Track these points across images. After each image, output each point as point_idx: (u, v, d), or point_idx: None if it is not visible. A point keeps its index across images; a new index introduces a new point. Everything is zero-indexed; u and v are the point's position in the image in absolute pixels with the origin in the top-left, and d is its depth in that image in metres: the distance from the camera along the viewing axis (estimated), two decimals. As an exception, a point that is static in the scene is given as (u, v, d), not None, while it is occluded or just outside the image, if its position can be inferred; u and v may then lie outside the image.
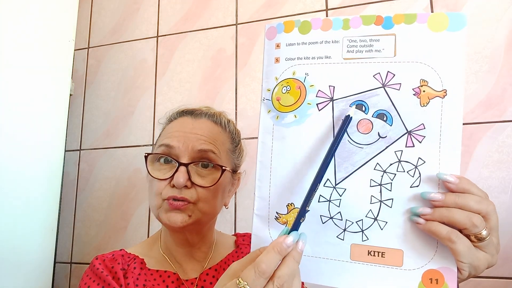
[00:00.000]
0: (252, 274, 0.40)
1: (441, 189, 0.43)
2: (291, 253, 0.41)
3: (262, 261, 0.40)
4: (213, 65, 1.21)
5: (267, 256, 0.40)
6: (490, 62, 0.97)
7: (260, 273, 0.39)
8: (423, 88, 0.44)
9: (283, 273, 0.40)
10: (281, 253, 0.40)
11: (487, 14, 0.98)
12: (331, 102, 0.47)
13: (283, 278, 0.40)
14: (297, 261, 0.41)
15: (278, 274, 0.40)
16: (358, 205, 0.46)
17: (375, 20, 0.46)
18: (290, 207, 0.48)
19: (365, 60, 0.46)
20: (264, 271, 0.39)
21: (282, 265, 0.41)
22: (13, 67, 0.98)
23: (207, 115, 0.72)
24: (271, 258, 0.40)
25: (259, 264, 0.40)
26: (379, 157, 0.45)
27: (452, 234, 0.41)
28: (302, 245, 0.42)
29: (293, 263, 0.41)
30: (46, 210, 1.07)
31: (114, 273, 0.64)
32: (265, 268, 0.39)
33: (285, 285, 0.40)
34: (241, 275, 0.41)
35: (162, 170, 0.66)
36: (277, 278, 0.40)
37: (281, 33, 0.50)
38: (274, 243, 0.41)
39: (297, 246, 0.41)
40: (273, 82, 0.49)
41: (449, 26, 0.44)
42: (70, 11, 1.19)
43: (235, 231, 1.09)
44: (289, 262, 0.41)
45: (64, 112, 1.16)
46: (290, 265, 0.41)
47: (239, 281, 0.40)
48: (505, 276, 0.89)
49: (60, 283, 1.23)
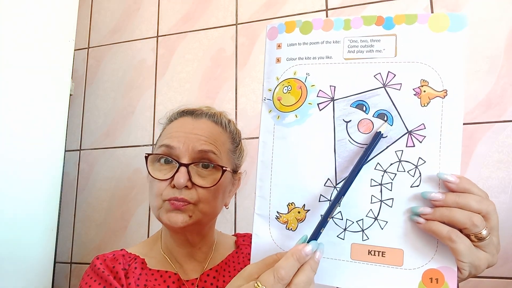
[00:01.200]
0: (271, 279, 0.40)
1: (442, 188, 0.43)
2: (309, 261, 0.42)
3: (282, 267, 0.40)
4: (213, 65, 1.21)
5: (286, 262, 0.41)
6: (490, 62, 0.97)
7: (279, 278, 0.40)
8: (423, 88, 0.45)
9: (300, 280, 0.41)
10: (299, 261, 0.41)
11: (487, 14, 0.98)
12: (332, 102, 0.47)
13: (300, 286, 0.40)
14: (314, 270, 0.42)
15: (295, 281, 0.41)
16: (358, 205, 0.46)
17: (376, 21, 0.46)
18: (290, 207, 0.48)
19: (366, 60, 0.47)
20: (283, 277, 0.40)
21: (300, 272, 0.41)
22: (13, 67, 0.98)
23: (208, 115, 0.72)
24: (290, 265, 0.40)
25: (278, 269, 0.40)
26: (379, 157, 0.46)
27: (452, 234, 0.41)
28: (319, 255, 0.42)
29: (310, 271, 0.41)
30: (46, 210, 1.07)
31: (116, 272, 0.64)
32: (284, 275, 0.40)
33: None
34: (260, 278, 0.41)
35: (163, 171, 0.66)
36: (294, 285, 0.40)
37: (282, 33, 0.50)
38: (294, 250, 0.41)
39: (315, 256, 0.42)
40: (274, 82, 0.50)
41: (450, 27, 0.44)
42: (70, 11, 1.19)
43: (235, 231, 1.09)
44: (306, 270, 0.41)
45: (64, 112, 1.16)
46: (307, 273, 0.41)
47: (257, 285, 0.41)
48: (505, 276, 0.89)
49: (60, 283, 1.23)
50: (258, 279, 0.41)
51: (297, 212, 0.47)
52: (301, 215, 0.47)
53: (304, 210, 0.47)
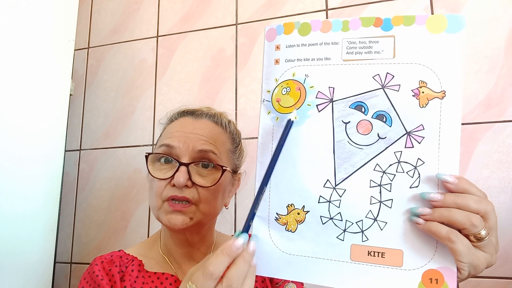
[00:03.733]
0: (200, 276, 0.41)
1: (440, 189, 0.43)
2: (242, 254, 0.42)
3: (210, 263, 0.41)
4: (213, 65, 1.21)
5: (215, 258, 0.41)
6: (490, 62, 0.97)
7: (207, 275, 0.40)
8: (422, 89, 0.45)
9: (231, 273, 0.41)
10: (230, 255, 0.42)
11: (487, 14, 0.98)
12: (330, 103, 0.48)
13: (231, 279, 0.41)
14: (248, 262, 0.43)
15: (227, 275, 0.41)
16: (358, 206, 0.46)
17: (374, 22, 0.46)
18: (290, 208, 0.48)
19: (365, 62, 0.47)
20: (211, 273, 0.40)
21: (232, 266, 0.42)
22: (13, 67, 0.98)
23: (208, 116, 0.72)
24: (219, 260, 0.41)
25: (207, 266, 0.41)
26: (378, 158, 0.46)
27: (451, 234, 0.41)
28: (253, 246, 0.43)
29: (243, 263, 0.42)
30: (46, 210, 1.07)
31: (111, 276, 0.65)
32: (212, 270, 0.41)
33: (233, 285, 0.41)
34: (191, 278, 0.42)
35: (163, 170, 0.66)
36: (225, 278, 0.41)
37: (280, 34, 0.50)
38: (223, 246, 0.42)
39: (248, 247, 0.43)
40: (273, 84, 0.50)
41: (448, 28, 0.44)
42: (70, 11, 1.19)
43: (235, 231, 1.09)
44: (238, 263, 0.42)
45: (64, 112, 1.16)
46: (239, 266, 0.42)
47: (189, 285, 0.41)
48: (505, 276, 0.89)
49: (60, 283, 1.23)
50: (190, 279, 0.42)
51: (297, 214, 0.47)
52: (300, 216, 0.47)
53: (303, 212, 0.47)
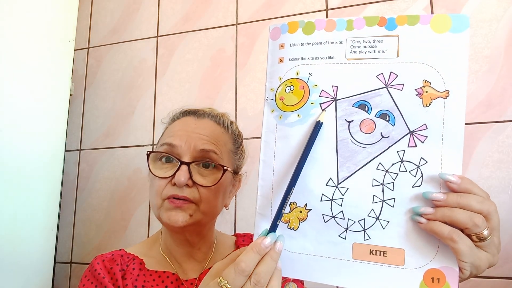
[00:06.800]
0: (232, 272, 0.42)
1: (443, 189, 0.44)
2: (269, 252, 0.44)
3: (242, 260, 0.42)
4: (213, 65, 1.21)
5: (246, 255, 0.43)
6: (490, 62, 0.97)
7: (239, 271, 0.42)
8: (425, 89, 0.45)
9: (260, 270, 0.42)
10: (259, 253, 0.43)
11: (487, 14, 0.99)
12: (334, 102, 0.48)
13: (260, 275, 0.42)
14: (275, 260, 0.44)
15: (256, 271, 0.42)
16: (360, 205, 0.46)
17: (379, 21, 0.47)
18: (292, 206, 0.48)
19: (368, 61, 0.47)
20: (243, 270, 0.42)
21: (260, 263, 0.43)
22: (13, 67, 0.98)
23: (210, 116, 0.73)
24: (250, 257, 0.42)
25: (238, 263, 0.42)
26: (381, 157, 0.46)
27: (454, 234, 0.41)
28: (280, 245, 0.44)
29: (271, 261, 0.43)
30: (46, 210, 1.07)
31: (113, 274, 0.64)
32: (244, 267, 0.42)
33: (261, 281, 0.42)
34: (222, 274, 0.43)
35: (164, 169, 0.66)
36: (255, 274, 0.42)
37: (285, 33, 0.50)
38: (253, 244, 0.44)
39: (275, 247, 0.44)
40: (276, 82, 0.50)
41: (452, 28, 0.44)
42: (70, 11, 1.19)
43: (235, 232, 1.09)
44: (267, 261, 0.43)
45: (64, 112, 1.16)
46: (268, 263, 0.43)
47: (220, 280, 0.42)
48: (505, 276, 0.89)
49: (60, 283, 1.23)
50: (221, 275, 0.43)
51: (299, 212, 0.48)
52: (302, 215, 0.47)
53: (305, 210, 0.47)
